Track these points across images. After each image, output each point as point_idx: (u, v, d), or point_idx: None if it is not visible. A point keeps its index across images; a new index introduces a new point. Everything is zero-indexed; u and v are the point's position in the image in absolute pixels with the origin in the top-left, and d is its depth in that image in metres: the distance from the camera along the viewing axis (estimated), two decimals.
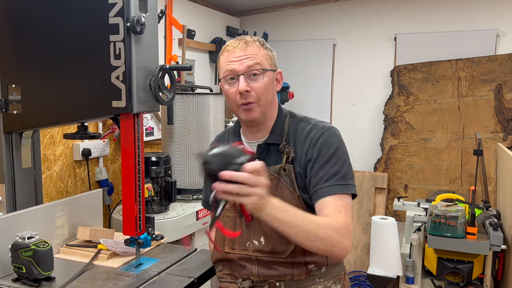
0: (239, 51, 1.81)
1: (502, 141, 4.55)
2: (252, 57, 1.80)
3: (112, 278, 2.03)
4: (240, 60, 1.80)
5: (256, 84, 1.80)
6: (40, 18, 2.13)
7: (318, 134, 1.83)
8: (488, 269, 3.32)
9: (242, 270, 1.89)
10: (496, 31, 4.63)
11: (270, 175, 1.82)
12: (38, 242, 1.93)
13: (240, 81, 1.79)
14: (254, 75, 1.81)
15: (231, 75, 1.82)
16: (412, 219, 3.63)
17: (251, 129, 1.92)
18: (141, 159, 2.04)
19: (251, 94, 1.80)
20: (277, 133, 1.88)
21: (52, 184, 3.18)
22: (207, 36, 5.00)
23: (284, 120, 1.92)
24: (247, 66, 1.79)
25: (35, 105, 2.20)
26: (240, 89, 1.78)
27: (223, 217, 1.94)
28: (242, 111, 1.84)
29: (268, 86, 1.83)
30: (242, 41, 1.84)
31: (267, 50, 1.87)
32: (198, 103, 3.39)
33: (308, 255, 1.81)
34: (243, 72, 1.79)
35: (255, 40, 1.85)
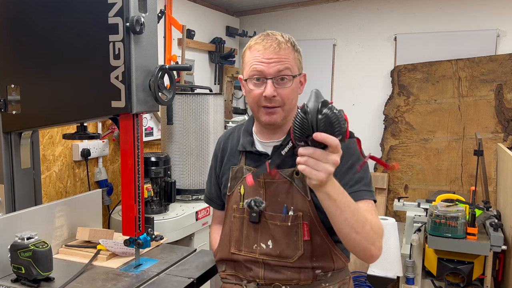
0: (271, 53, 1.74)
1: (502, 141, 4.54)
2: (283, 62, 1.74)
3: (111, 279, 2.02)
4: (271, 63, 1.73)
5: (284, 90, 1.75)
6: (39, 18, 2.12)
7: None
8: (488, 269, 3.32)
9: (248, 272, 1.87)
10: (497, 31, 4.62)
11: (282, 178, 1.81)
12: (37, 243, 1.92)
13: (268, 86, 1.73)
14: (282, 80, 1.74)
15: (258, 75, 1.75)
16: (412, 220, 3.63)
17: (269, 130, 1.88)
18: (140, 160, 2.04)
19: (277, 98, 1.75)
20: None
21: (51, 184, 3.17)
22: (206, 36, 5.00)
23: None
24: (277, 70, 1.73)
25: (34, 105, 2.19)
26: (267, 93, 1.73)
27: (230, 217, 1.93)
28: (263, 113, 1.79)
29: (294, 91, 1.79)
30: (275, 42, 1.75)
31: (297, 53, 1.82)
32: (197, 103, 3.38)
33: (316, 260, 1.80)
34: (272, 76, 1.73)
35: (287, 41, 1.78)
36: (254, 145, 1.91)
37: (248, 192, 1.86)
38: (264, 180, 1.84)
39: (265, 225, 1.82)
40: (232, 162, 1.97)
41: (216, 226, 2.14)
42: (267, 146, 1.88)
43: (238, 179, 1.91)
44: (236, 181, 1.92)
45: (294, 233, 1.79)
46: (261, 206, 1.81)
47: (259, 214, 1.82)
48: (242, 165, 1.91)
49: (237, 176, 1.92)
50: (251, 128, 1.97)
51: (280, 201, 1.81)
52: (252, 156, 1.91)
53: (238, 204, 1.89)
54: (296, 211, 1.78)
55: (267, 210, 1.82)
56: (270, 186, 1.83)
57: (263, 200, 1.81)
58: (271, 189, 1.83)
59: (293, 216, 1.78)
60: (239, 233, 1.88)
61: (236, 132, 2.04)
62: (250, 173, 1.74)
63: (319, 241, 1.79)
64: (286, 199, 1.80)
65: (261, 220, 1.83)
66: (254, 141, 1.92)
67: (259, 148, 1.90)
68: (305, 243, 1.78)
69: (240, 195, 1.89)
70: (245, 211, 1.86)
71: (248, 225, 1.86)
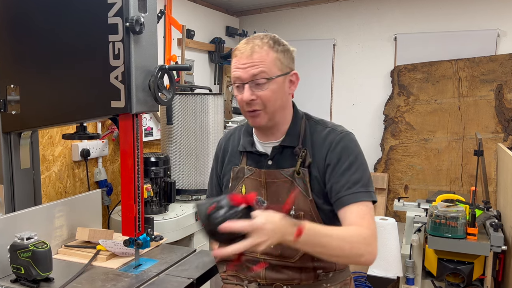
0: (245, 58, 1.75)
1: (502, 141, 4.54)
2: (257, 65, 1.73)
3: (111, 279, 2.02)
4: (245, 68, 1.74)
5: (262, 92, 1.74)
6: (39, 18, 2.12)
7: (338, 138, 1.81)
8: (488, 270, 3.31)
9: (249, 272, 1.87)
10: (497, 31, 4.62)
11: (283, 178, 1.81)
12: (37, 243, 1.92)
13: (245, 90, 1.74)
14: (258, 84, 1.74)
15: (237, 82, 1.77)
16: (412, 220, 3.63)
17: (263, 131, 1.89)
18: (140, 160, 2.04)
19: (257, 101, 1.75)
20: (292, 136, 1.85)
21: (51, 184, 3.17)
22: (206, 36, 4.99)
23: (300, 122, 1.88)
24: (252, 74, 1.73)
25: (33, 105, 2.19)
26: (244, 98, 1.74)
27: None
28: (249, 117, 1.81)
29: (276, 93, 1.77)
30: (250, 45, 1.77)
31: (277, 53, 1.78)
32: (197, 103, 3.38)
33: (317, 260, 1.80)
34: (248, 81, 1.74)
35: (264, 44, 1.77)
36: (254, 145, 1.92)
37: (250, 191, 1.86)
38: (265, 180, 1.84)
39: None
40: (233, 163, 1.97)
41: None
42: (266, 147, 1.89)
43: (240, 179, 1.91)
44: (237, 181, 1.92)
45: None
46: (263, 205, 1.80)
47: None
48: (244, 165, 1.91)
49: (238, 176, 1.92)
50: (251, 128, 1.96)
51: (281, 201, 1.80)
52: (253, 157, 1.91)
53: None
54: (297, 211, 1.79)
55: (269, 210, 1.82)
56: (271, 186, 1.83)
57: (264, 200, 1.81)
58: (272, 189, 1.83)
59: (294, 216, 1.78)
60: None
61: (236, 133, 2.04)
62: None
63: None
64: (287, 197, 1.79)
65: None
66: (254, 142, 1.93)
67: (259, 148, 1.90)
68: None
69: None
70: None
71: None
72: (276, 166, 1.85)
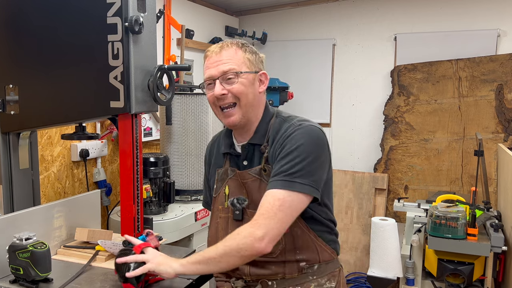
0: (215, 55, 1.84)
1: (503, 141, 4.54)
2: (226, 62, 1.82)
3: (110, 280, 2.02)
4: (215, 66, 1.83)
5: (232, 86, 1.81)
6: (37, 18, 2.12)
7: (290, 130, 1.80)
8: (489, 270, 3.31)
9: (235, 270, 1.88)
10: (497, 31, 4.61)
11: (252, 177, 1.86)
12: (36, 244, 1.92)
13: (216, 85, 1.82)
14: (229, 79, 1.82)
15: (208, 80, 1.85)
16: (413, 220, 3.63)
17: (238, 131, 1.94)
18: (139, 160, 2.04)
19: (228, 96, 1.82)
20: (260, 134, 1.89)
21: (49, 185, 3.16)
22: (206, 36, 4.99)
23: (269, 120, 1.91)
24: (222, 71, 1.81)
25: (32, 106, 2.19)
26: (215, 92, 1.81)
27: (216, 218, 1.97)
28: (223, 116, 1.88)
29: (247, 87, 1.83)
30: (218, 45, 1.86)
31: (246, 53, 1.87)
32: (196, 104, 3.38)
33: (299, 253, 1.83)
34: (218, 77, 1.82)
35: (232, 44, 1.86)
36: (233, 146, 1.96)
37: (233, 192, 1.91)
38: (240, 180, 1.89)
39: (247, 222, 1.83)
40: (218, 165, 2.01)
41: None
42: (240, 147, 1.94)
43: (224, 180, 1.95)
44: (221, 182, 1.96)
45: None
46: (244, 203, 1.86)
47: (242, 212, 1.86)
48: (227, 167, 1.95)
49: (222, 178, 1.96)
50: (230, 131, 2.01)
51: (255, 199, 1.83)
52: (233, 158, 1.96)
53: (223, 204, 1.93)
54: None
55: (250, 208, 1.85)
56: (247, 185, 1.88)
57: (246, 198, 1.86)
58: (249, 188, 1.87)
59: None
60: (225, 232, 1.89)
61: (221, 136, 2.07)
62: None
63: (299, 233, 1.82)
64: (260, 196, 1.80)
65: (244, 217, 1.86)
66: (233, 143, 1.97)
67: (237, 149, 1.95)
68: (285, 236, 1.79)
69: (225, 195, 1.93)
70: (229, 211, 1.90)
71: (233, 223, 1.89)
72: (250, 166, 1.89)
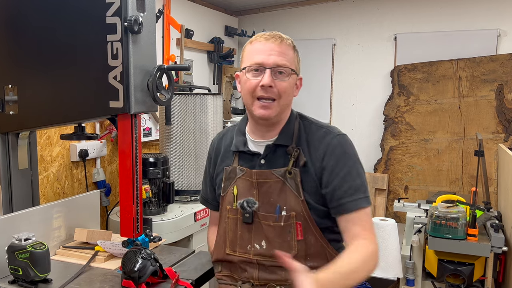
0: (272, 44, 1.77)
1: (503, 141, 4.53)
2: (284, 55, 1.77)
3: (109, 280, 2.02)
4: (269, 55, 1.76)
5: (281, 82, 1.76)
6: (36, 18, 2.12)
7: (335, 141, 1.82)
8: (489, 271, 3.30)
9: (243, 273, 1.87)
10: (497, 31, 4.61)
11: (275, 178, 1.81)
12: (35, 244, 1.92)
13: (266, 74, 1.75)
14: (280, 73, 1.77)
15: (257, 66, 1.77)
16: (413, 221, 3.62)
17: (261, 127, 1.88)
18: (138, 160, 2.03)
19: (273, 90, 1.76)
20: (286, 135, 1.85)
21: (49, 185, 3.16)
22: (205, 36, 4.98)
23: (294, 121, 1.89)
24: (276, 62, 1.76)
25: (31, 106, 2.19)
26: (264, 82, 1.74)
27: (224, 218, 1.93)
28: (258, 106, 1.79)
29: (291, 87, 1.81)
30: (277, 35, 1.80)
31: (296, 54, 1.85)
32: (196, 104, 3.37)
33: (310, 260, 1.80)
34: (271, 67, 1.75)
35: (288, 39, 1.82)
36: (247, 144, 1.92)
37: (242, 192, 1.87)
38: (257, 180, 1.84)
39: (259, 226, 1.83)
40: (226, 163, 1.97)
41: (212, 227, 2.15)
42: (260, 146, 1.89)
43: (232, 179, 1.91)
44: (229, 181, 1.92)
45: (287, 233, 1.79)
46: (254, 206, 1.83)
47: (252, 215, 1.83)
48: (236, 166, 1.92)
49: (230, 176, 1.92)
50: (244, 128, 1.97)
51: (273, 201, 1.81)
52: (245, 156, 1.91)
53: (231, 204, 1.90)
54: (289, 211, 1.79)
55: (260, 211, 1.83)
56: (263, 186, 1.84)
57: (256, 201, 1.83)
58: (264, 189, 1.83)
59: (286, 216, 1.79)
60: (233, 234, 1.89)
61: (229, 132, 2.04)
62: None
63: (313, 241, 1.80)
64: (279, 199, 1.80)
65: (254, 220, 1.84)
66: (246, 141, 1.93)
67: (252, 147, 1.91)
68: (298, 243, 1.78)
69: (234, 196, 1.89)
70: (238, 212, 1.87)
71: (242, 225, 1.86)
72: (269, 166, 1.85)
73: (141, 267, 1.86)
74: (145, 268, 1.87)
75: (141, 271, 1.86)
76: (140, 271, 1.85)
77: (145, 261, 1.88)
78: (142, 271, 1.86)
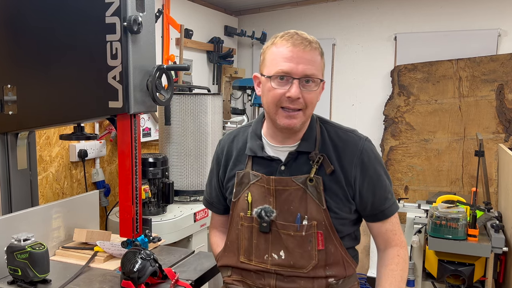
0: (301, 51, 1.65)
1: (503, 142, 4.52)
2: (313, 63, 1.66)
3: (108, 281, 2.02)
4: (298, 63, 1.64)
5: (309, 94, 1.66)
6: (35, 18, 2.12)
7: (365, 146, 1.78)
8: (489, 271, 3.29)
9: (258, 280, 1.80)
10: (498, 31, 4.60)
11: (296, 186, 1.74)
12: (34, 244, 1.92)
13: (294, 86, 1.63)
14: (307, 82, 1.66)
15: (284, 74, 1.65)
16: (413, 221, 3.61)
17: (283, 134, 1.78)
18: (138, 160, 2.03)
19: (300, 101, 1.65)
20: (309, 141, 1.77)
21: (48, 185, 3.15)
22: (205, 36, 4.97)
23: (315, 126, 1.81)
24: (305, 72, 1.64)
25: (30, 106, 2.19)
26: (293, 94, 1.63)
27: (236, 225, 1.85)
28: (283, 116, 1.69)
29: (318, 97, 1.71)
30: (306, 40, 1.68)
31: (323, 59, 1.74)
32: (195, 104, 3.36)
33: (329, 269, 1.76)
34: (300, 77, 1.64)
35: (316, 42, 1.72)
36: (265, 149, 1.82)
37: (257, 200, 1.78)
38: (275, 187, 1.76)
39: (277, 235, 1.76)
40: (239, 168, 1.87)
41: (215, 230, 2.07)
42: (280, 151, 1.80)
43: (244, 185, 1.82)
44: (242, 187, 1.83)
45: (308, 243, 1.73)
46: (272, 215, 1.74)
47: (270, 224, 1.76)
48: (249, 170, 1.82)
49: (243, 181, 1.83)
50: (260, 130, 1.86)
51: (293, 209, 1.74)
52: (262, 162, 1.81)
53: (245, 212, 1.81)
54: (310, 220, 1.72)
55: (278, 219, 1.75)
56: (281, 194, 1.75)
57: (273, 209, 1.75)
58: (283, 197, 1.75)
59: (308, 226, 1.73)
60: (248, 242, 1.81)
61: (241, 134, 1.93)
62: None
63: (333, 250, 1.75)
64: (300, 207, 1.73)
65: (272, 229, 1.76)
66: (264, 145, 1.83)
67: (270, 153, 1.81)
68: (319, 252, 1.73)
69: (248, 203, 1.80)
70: (253, 220, 1.78)
71: (258, 234, 1.78)
72: (289, 173, 1.76)
73: (141, 268, 1.85)
74: (145, 268, 1.86)
75: (141, 271, 1.85)
76: (140, 272, 1.85)
77: (145, 262, 1.88)
78: (141, 272, 1.85)
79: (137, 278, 1.84)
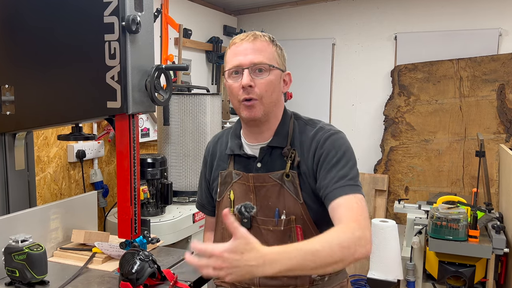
0: (247, 44, 1.74)
1: (504, 142, 4.52)
2: (259, 52, 1.73)
3: (107, 282, 2.02)
4: (245, 55, 1.72)
5: (260, 80, 1.72)
6: (33, 18, 2.12)
7: (326, 135, 1.76)
8: (490, 272, 3.29)
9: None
10: (499, 30, 4.59)
11: (272, 181, 1.78)
12: (32, 246, 1.92)
13: (244, 75, 1.71)
14: (260, 71, 1.72)
15: (235, 69, 1.74)
16: (413, 222, 3.61)
17: (253, 129, 1.83)
18: (136, 161, 2.03)
19: (254, 90, 1.71)
20: (281, 136, 1.81)
21: (46, 186, 3.14)
22: (203, 36, 4.97)
23: (289, 122, 1.84)
24: (252, 60, 1.71)
25: (28, 106, 2.19)
26: (243, 82, 1.70)
27: (221, 224, 1.89)
28: (244, 108, 1.75)
29: (274, 84, 1.75)
30: (251, 34, 1.76)
31: (276, 48, 1.79)
32: (194, 104, 3.35)
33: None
34: (248, 66, 1.71)
35: (264, 35, 1.78)
36: (243, 148, 1.88)
37: (238, 197, 1.84)
38: (253, 184, 1.81)
39: (258, 231, 1.79)
40: (222, 167, 1.93)
41: (208, 233, 2.11)
42: (255, 149, 1.85)
43: (228, 184, 1.88)
44: (225, 186, 1.89)
45: (287, 238, 1.76)
46: (252, 211, 1.79)
47: (251, 220, 1.80)
48: (231, 170, 1.88)
49: (226, 181, 1.89)
50: (239, 131, 1.92)
51: (271, 205, 1.78)
52: (241, 160, 1.87)
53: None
54: (288, 215, 1.76)
55: (259, 215, 1.80)
56: (260, 190, 1.80)
57: (253, 205, 1.79)
58: (262, 193, 1.80)
59: (286, 220, 1.76)
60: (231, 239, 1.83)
61: (224, 136, 2.00)
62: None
63: None
64: (278, 202, 1.77)
65: (253, 225, 1.80)
66: (242, 144, 1.89)
67: (248, 151, 1.87)
68: None
69: (230, 201, 1.85)
70: (236, 217, 1.81)
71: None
72: (266, 169, 1.81)
73: (139, 269, 1.85)
74: (143, 270, 1.86)
75: (139, 273, 1.85)
76: (138, 273, 1.85)
77: (143, 263, 1.87)
78: (140, 273, 1.85)
79: (136, 279, 1.84)
